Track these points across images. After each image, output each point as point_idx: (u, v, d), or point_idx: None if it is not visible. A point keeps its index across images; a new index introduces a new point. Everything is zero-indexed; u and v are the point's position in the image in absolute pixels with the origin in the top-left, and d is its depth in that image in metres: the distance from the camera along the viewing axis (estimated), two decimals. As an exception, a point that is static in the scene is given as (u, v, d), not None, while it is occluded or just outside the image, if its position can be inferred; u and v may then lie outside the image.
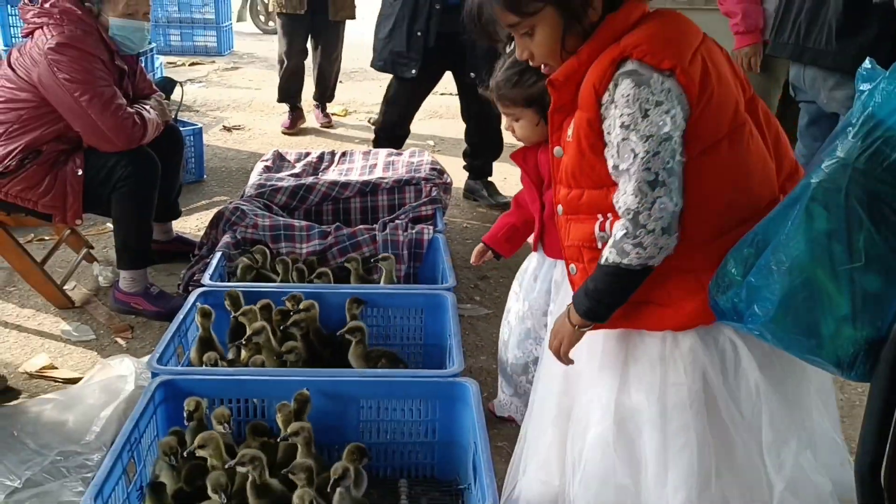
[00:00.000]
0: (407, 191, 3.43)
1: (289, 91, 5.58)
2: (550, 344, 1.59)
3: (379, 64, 4.01)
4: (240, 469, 1.75)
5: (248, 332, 2.23)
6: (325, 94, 5.80)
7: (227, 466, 1.77)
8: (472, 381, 2.01)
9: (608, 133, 1.36)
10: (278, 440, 1.89)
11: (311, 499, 1.69)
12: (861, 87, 1.13)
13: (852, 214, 1.09)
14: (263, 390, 2.02)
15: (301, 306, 2.37)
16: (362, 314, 2.45)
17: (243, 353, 2.25)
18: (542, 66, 1.50)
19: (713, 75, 1.35)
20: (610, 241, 1.40)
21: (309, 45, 5.51)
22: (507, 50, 1.93)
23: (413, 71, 3.87)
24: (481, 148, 4.32)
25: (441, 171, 3.63)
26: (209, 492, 1.73)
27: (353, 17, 5.43)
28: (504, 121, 2.11)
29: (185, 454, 1.81)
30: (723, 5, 3.53)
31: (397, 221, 3.12)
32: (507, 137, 3.26)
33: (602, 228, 1.43)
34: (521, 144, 2.14)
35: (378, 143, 4.23)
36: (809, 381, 1.53)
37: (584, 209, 1.48)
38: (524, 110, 2.00)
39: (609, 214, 1.42)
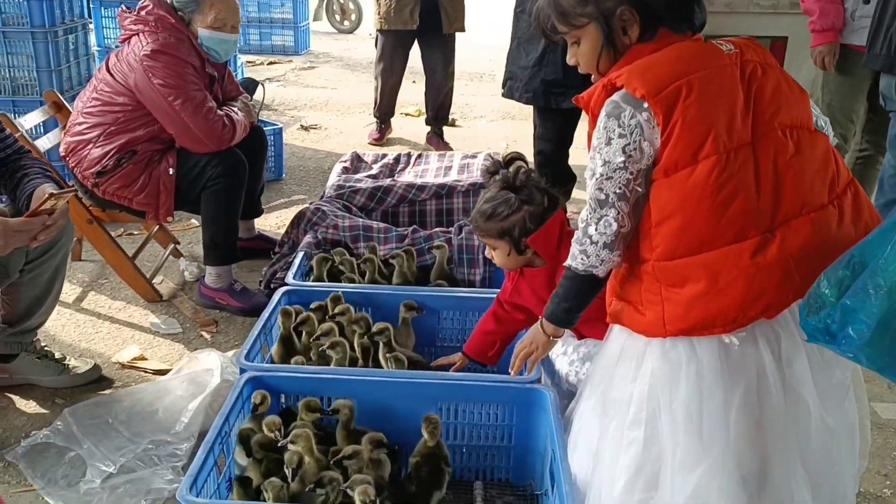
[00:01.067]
0: (482, 194, 3.44)
1: (390, 109, 5.41)
2: (521, 348, 1.85)
3: (527, 96, 3.43)
4: (291, 447, 1.83)
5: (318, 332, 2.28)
6: (444, 115, 5.45)
7: (279, 444, 1.85)
8: (550, 389, 2.03)
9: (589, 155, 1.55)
10: (327, 411, 1.98)
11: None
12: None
13: (957, 239, 1.07)
14: (346, 389, 2.08)
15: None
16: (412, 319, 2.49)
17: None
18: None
19: (692, 104, 1.42)
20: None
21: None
22: (489, 184, 2.17)
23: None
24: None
25: (516, 175, 3.64)
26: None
27: (463, 29, 5.12)
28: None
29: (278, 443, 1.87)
30: (803, 3, 3.49)
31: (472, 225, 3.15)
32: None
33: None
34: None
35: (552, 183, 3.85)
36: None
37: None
38: (498, 241, 2.15)
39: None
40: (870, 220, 1.50)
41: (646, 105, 1.43)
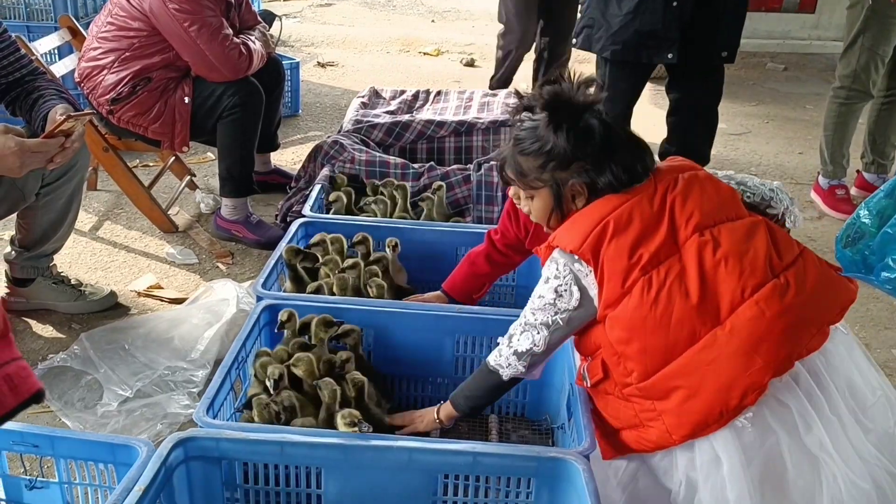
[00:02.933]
0: (502, 132, 3.40)
1: (508, 81, 4.81)
2: (404, 420, 1.87)
3: (613, 48, 3.05)
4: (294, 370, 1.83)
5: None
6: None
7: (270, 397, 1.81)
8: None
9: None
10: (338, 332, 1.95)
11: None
12: None
13: None
14: (362, 319, 2.06)
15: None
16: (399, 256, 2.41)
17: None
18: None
19: (611, 242, 1.56)
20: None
21: None
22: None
23: (670, 55, 3.01)
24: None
25: (537, 114, 3.57)
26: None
27: None
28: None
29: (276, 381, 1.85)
30: None
31: (492, 163, 3.10)
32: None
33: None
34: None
35: None
36: None
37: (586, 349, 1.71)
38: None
39: (590, 357, 1.68)
40: (818, 282, 1.50)
41: (576, 257, 1.58)
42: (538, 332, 1.64)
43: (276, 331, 1.98)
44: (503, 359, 1.68)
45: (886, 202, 1.18)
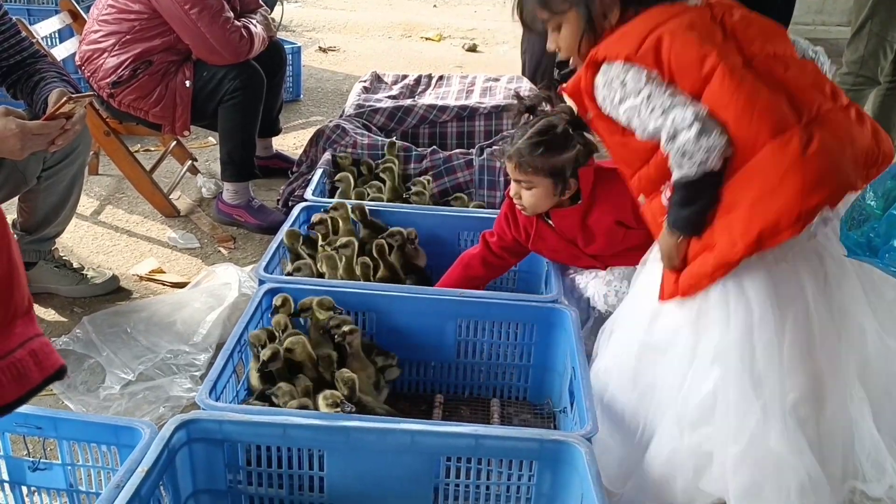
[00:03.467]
0: (505, 117, 3.38)
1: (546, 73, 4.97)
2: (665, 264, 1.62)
3: None
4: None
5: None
6: None
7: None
8: (571, 308, 2.00)
9: (617, 119, 1.56)
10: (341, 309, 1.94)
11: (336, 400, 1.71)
12: None
13: None
14: (364, 303, 2.06)
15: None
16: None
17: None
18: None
19: (674, 44, 1.49)
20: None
21: None
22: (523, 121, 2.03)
23: None
24: None
25: (540, 99, 3.56)
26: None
27: None
28: (512, 188, 2.08)
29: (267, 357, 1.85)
30: None
31: (494, 147, 3.09)
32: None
33: (669, 199, 1.56)
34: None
35: None
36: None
37: (648, 187, 1.62)
38: (543, 179, 2.01)
39: (663, 187, 1.57)
40: (875, 128, 1.52)
41: (633, 64, 1.50)
42: (674, 106, 1.45)
43: (270, 315, 1.97)
44: (700, 153, 1.43)
45: (892, 184, 1.18)
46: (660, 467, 1.63)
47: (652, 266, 1.72)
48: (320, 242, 2.31)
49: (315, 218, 2.35)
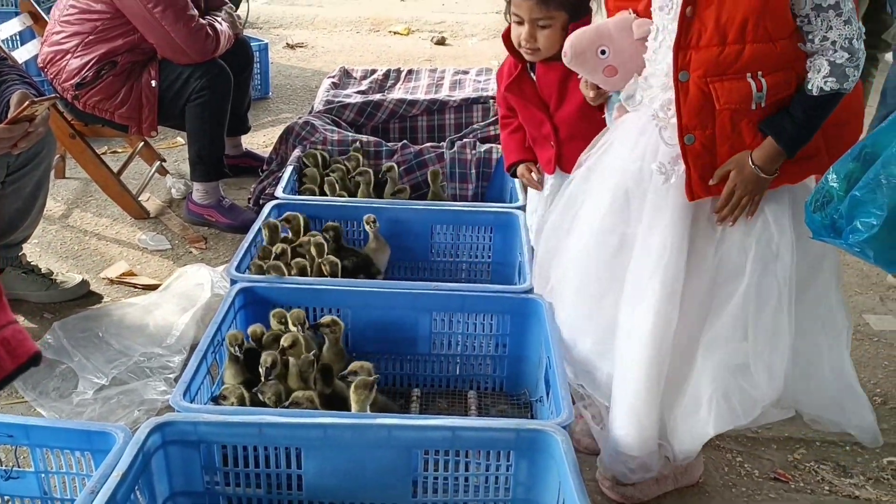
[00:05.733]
0: (474, 109, 3.39)
1: None
2: (732, 203, 1.60)
3: None
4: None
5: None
6: None
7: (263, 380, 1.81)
8: (544, 298, 2.01)
9: None
10: (308, 328, 1.93)
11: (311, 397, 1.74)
12: None
13: (973, 125, 1.04)
14: (338, 300, 2.06)
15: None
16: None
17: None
18: None
19: None
20: (822, 73, 1.50)
21: None
22: None
23: None
24: None
25: (509, 90, 3.57)
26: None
27: None
28: (522, 31, 2.04)
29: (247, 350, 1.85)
30: None
31: (465, 140, 3.09)
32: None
33: (759, 88, 1.52)
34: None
35: None
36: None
37: (736, 68, 1.52)
38: (562, 15, 2.00)
39: (760, 72, 1.51)
40: None
41: None
42: (855, 15, 1.51)
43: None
44: (860, 70, 1.52)
45: (853, 165, 1.20)
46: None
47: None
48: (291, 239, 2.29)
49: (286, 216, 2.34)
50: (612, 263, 1.73)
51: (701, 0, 1.52)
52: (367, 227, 2.38)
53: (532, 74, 2.16)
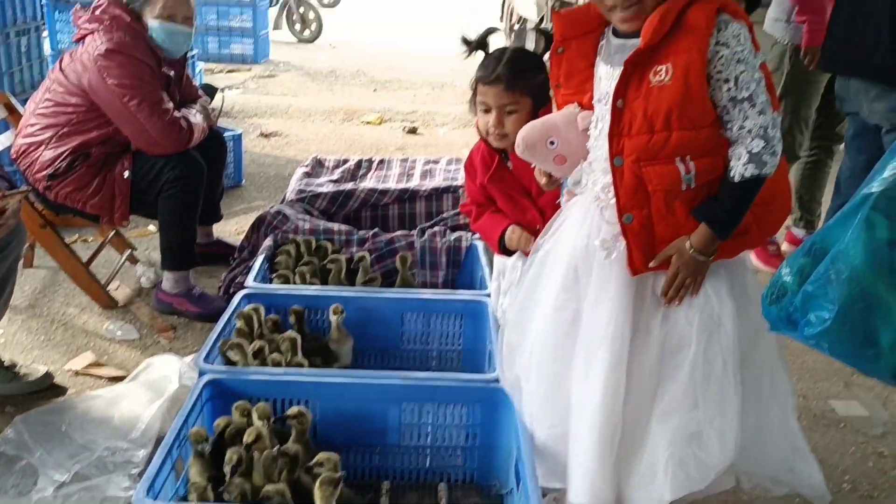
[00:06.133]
0: (445, 198, 3.45)
1: None
2: (676, 283, 1.67)
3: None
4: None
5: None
6: None
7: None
8: (509, 387, 2.01)
9: (720, 71, 1.58)
10: (275, 421, 1.91)
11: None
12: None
13: (914, 224, 1.09)
14: (307, 391, 2.04)
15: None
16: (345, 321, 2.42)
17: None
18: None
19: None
20: (742, 161, 1.58)
21: None
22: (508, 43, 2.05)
23: None
24: None
25: (478, 180, 3.65)
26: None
27: None
28: (490, 118, 2.13)
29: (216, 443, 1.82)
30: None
31: (435, 228, 3.14)
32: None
33: (687, 171, 1.60)
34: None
35: None
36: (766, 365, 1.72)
37: (665, 153, 1.62)
38: (527, 101, 2.09)
39: (688, 157, 1.60)
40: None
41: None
42: (770, 104, 1.59)
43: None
44: (778, 156, 1.59)
45: (805, 260, 1.24)
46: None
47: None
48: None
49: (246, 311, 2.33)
50: (565, 343, 1.78)
51: (630, 93, 1.62)
52: (332, 317, 2.38)
53: (509, 164, 2.22)
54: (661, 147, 1.61)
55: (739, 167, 1.58)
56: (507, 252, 2.31)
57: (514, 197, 2.24)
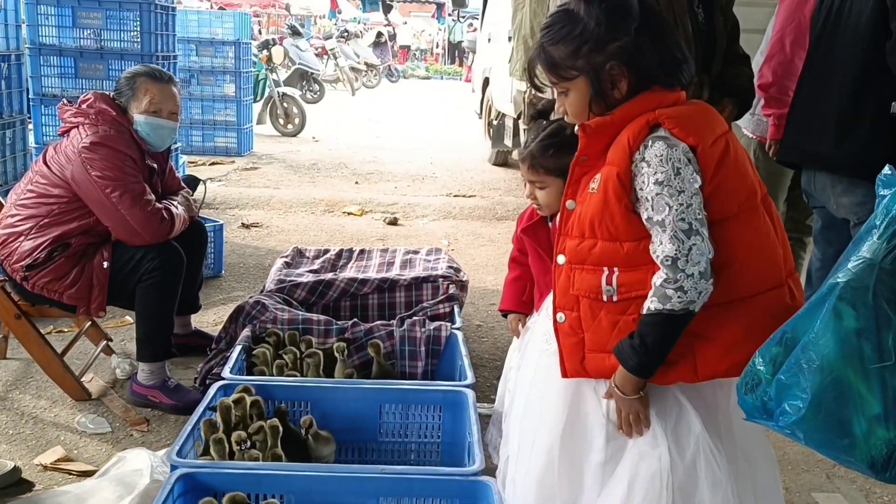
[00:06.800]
0: (424, 288, 3.46)
1: None
2: (625, 429, 1.65)
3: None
4: None
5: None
6: None
7: None
8: (493, 480, 1.98)
9: (640, 189, 1.52)
10: None
11: None
12: (882, 192, 1.18)
13: (880, 313, 1.11)
14: (281, 485, 2.00)
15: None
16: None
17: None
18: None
19: (730, 161, 1.52)
20: (651, 292, 1.50)
21: None
22: (542, 124, 2.12)
23: None
24: None
25: (458, 269, 3.69)
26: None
27: None
28: (527, 189, 2.17)
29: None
30: (766, 88, 3.34)
31: (415, 318, 3.14)
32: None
33: (609, 282, 1.56)
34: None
35: None
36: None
37: (591, 260, 1.60)
38: (555, 179, 2.07)
39: (615, 268, 1.56)
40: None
41: (690, 154, 1.49)
42: (702, 237, 1.45)
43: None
44: (691, 292, 1.44)
45: (777, 350, 1.26)
46: None
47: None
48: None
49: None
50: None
51: (578, 195, 1.64)
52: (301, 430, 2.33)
53: (549, 223, 2.27)
54: (587, 253, 1.59)
55: (648, 297, 1.51)
56: None
57: (541, 255, 2.27)
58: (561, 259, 1.67)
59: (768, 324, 1.42)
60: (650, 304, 1.50)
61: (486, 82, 8.70)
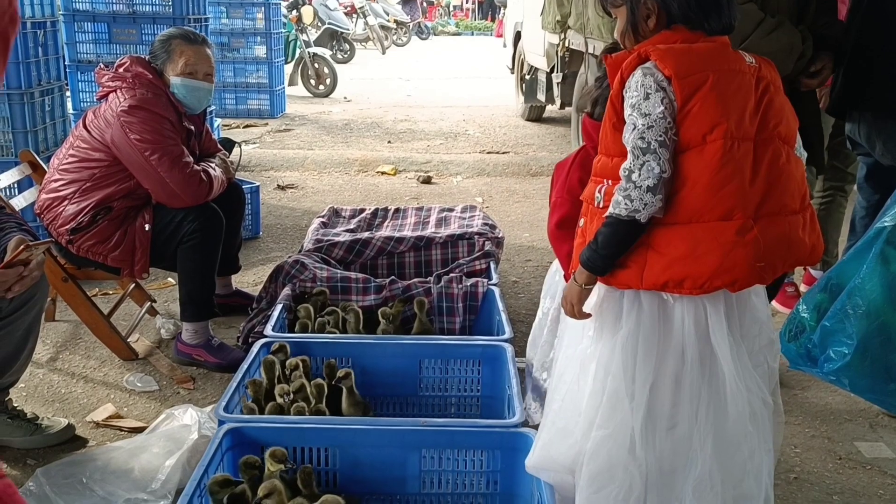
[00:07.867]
0: (460, 245, 3.47)
1: None
2: (564, 308, 1.81)
3: None
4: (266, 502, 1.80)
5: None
6: None
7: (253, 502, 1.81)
8: (534, 432, 2.00)
9: (624, 112, 1.66)
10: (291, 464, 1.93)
11: None
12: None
13: (929, 257, 1.09)
14: (326, 438, 2.05)
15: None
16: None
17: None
18: None
19: (705, 94, 1.60)
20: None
21: None
22: None
23: None
24: None
25: (493, 226, 3.68)
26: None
27: None
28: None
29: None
30: None
31: (452, 275, 3.16)
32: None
33: (600, 192, 1.72)
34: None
35: None
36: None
37: (596, 172, 1.77)
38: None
39: (608, 181, 1.70)
40: (817, 236, 1.71)
41: (668, 82, 1.61)
42: (658, 156, 1.58)
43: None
44: (637, 202, 1.59)
45: (822, 297, 1.24)
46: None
47: None
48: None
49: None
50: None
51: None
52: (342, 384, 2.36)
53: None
54: (596, 166, 1.77)
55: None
56: None
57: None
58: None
59: (712, 251, 1.57)
60: (609, 209, 1.65)
61: (517, 36, 8.58)
